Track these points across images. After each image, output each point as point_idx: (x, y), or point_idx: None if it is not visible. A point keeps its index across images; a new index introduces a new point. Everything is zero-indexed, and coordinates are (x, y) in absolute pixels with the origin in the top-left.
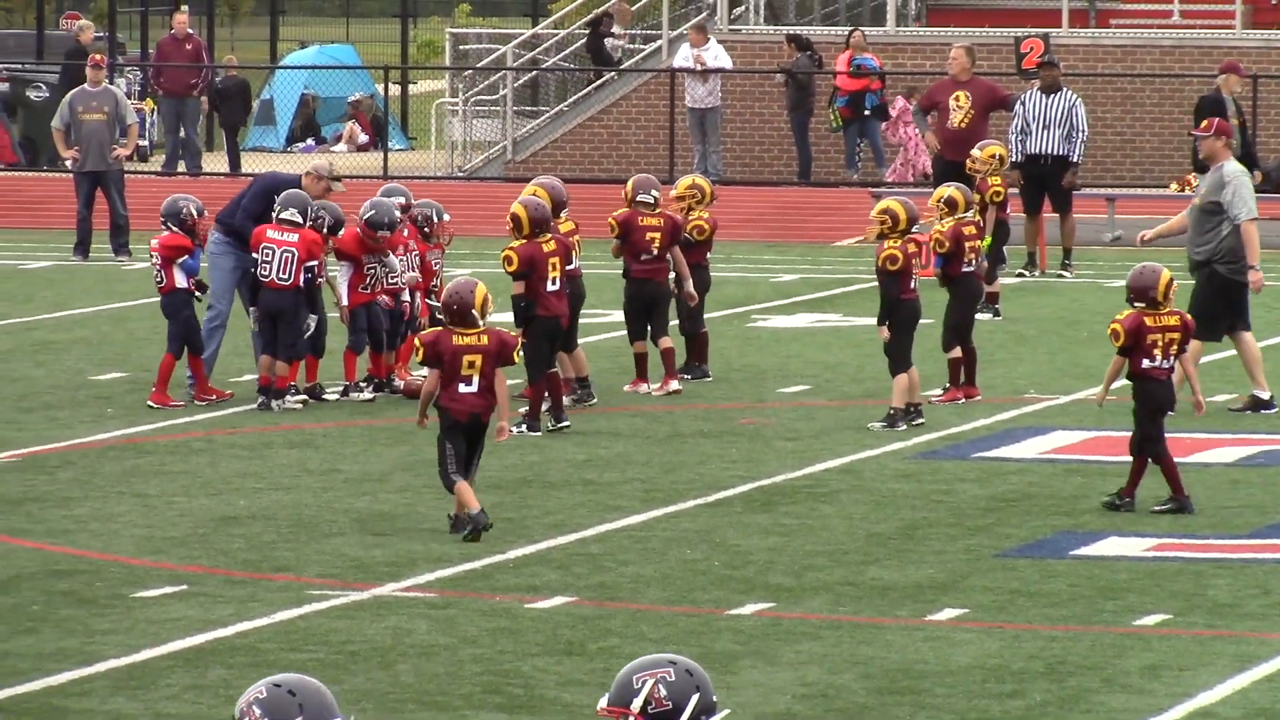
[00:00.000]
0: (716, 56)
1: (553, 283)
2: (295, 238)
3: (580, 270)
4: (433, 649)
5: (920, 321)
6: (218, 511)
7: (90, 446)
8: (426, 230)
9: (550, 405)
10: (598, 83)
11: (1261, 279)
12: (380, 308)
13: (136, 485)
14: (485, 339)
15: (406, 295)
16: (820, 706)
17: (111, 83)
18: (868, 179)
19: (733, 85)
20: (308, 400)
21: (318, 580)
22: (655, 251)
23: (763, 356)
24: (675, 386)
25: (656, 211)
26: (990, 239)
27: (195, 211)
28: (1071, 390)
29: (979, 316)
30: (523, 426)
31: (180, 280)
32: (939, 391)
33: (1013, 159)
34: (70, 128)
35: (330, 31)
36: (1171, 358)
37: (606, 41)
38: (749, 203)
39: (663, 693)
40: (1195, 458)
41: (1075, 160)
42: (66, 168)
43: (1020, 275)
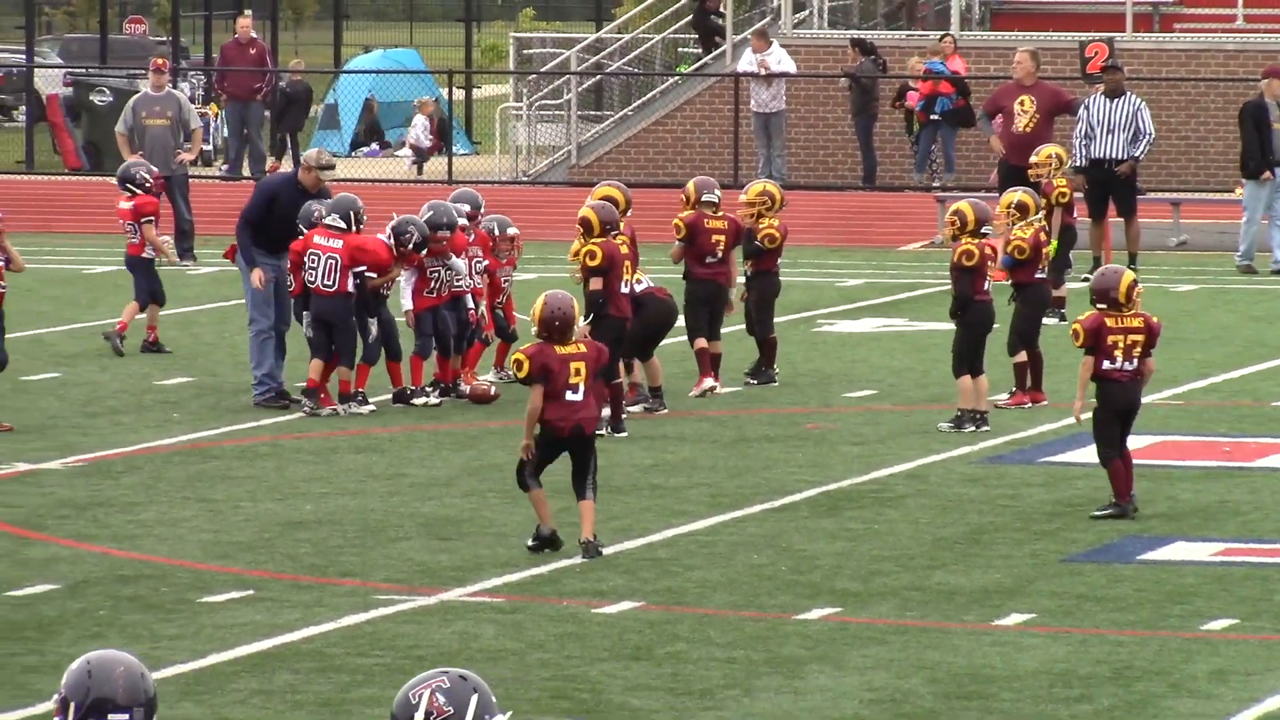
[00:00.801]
0: (780, 61)
1: (625, 284)
2: (339, 244)
3: (668, 291)
4: (500, 654)
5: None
6: (284, 516)
7: (156, 451)
8: (491, 245)
9: (610, 415)
10: (661, 87)
11: None
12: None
13: (202, 490)
14: (583, 347)
15: (470, 301)
16: (887, 711)
17: (175, 87)
18: (934, 183)
19: (797, 89)
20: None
21: (384, 585)
22: (720, 254)
23: (828, 361)
24: (710, 384)
25: (720, 214)
26: (1056, 243)
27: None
28: None
29: (1045, 321)
30: (604, 429)
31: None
32: (1005, 396)
33: (1077, 163)
34: (134, 132)
35: (394, 35)
36: (1133, 360)
37: (712, 18)
38: (814, 207)
39: (441, 700)
40: (1261, 462)
41: (1137, 156)
42: None
43: (1086, 280)
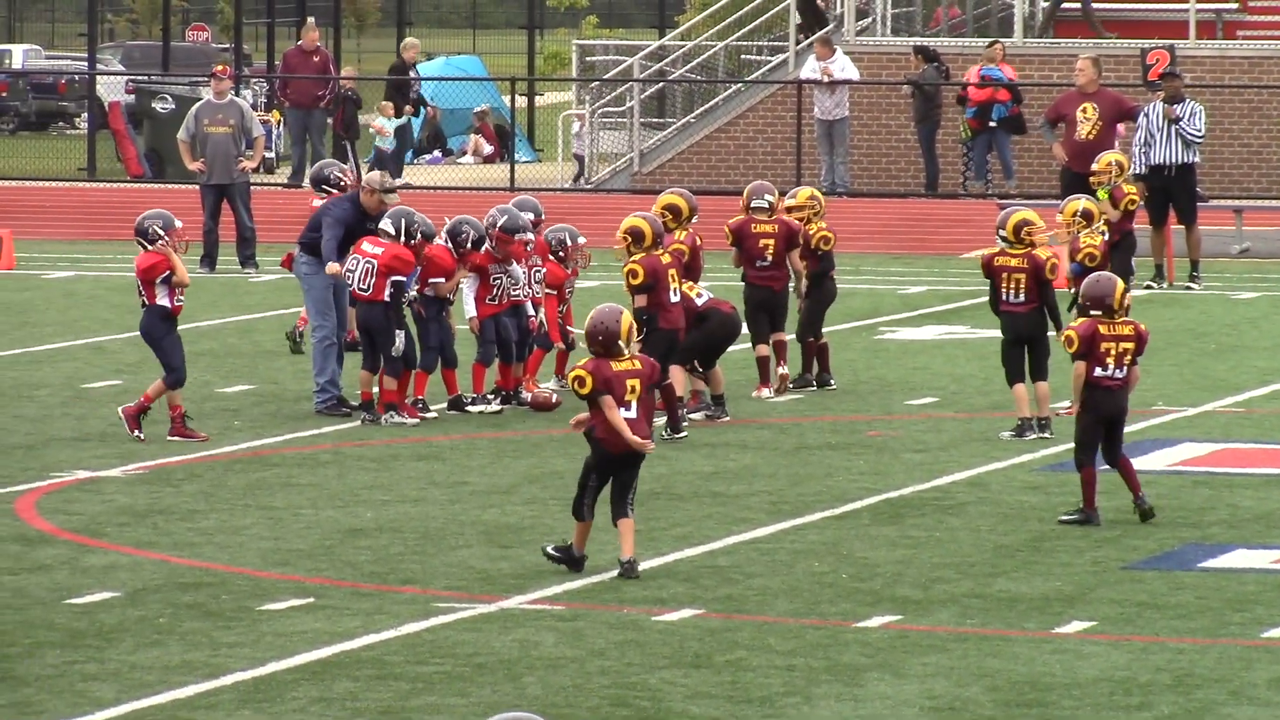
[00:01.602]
0: (843, 68)
1: (673, 294)
2: (380, 250)
3: (732, 305)
4: (560, 661)
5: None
6: (344, 524)
7: (216, 459)
8: (561, 255)
9: (667, 415)
10: (724, 94)
11: None
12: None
13: (263, 498)
14: (637, 363)
15: (530, 309)
16: (947, 719)
17: (237, 95)
18: (996, 191)
19: (860, 97)
20: (423, 416)
21: (444, 593)
22: (770, 258)
23: (890, 369)
24: (767, 394)
25: (772, 217)
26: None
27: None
28: (1200, 402)
29: None
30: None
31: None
32: (1066, 404)
33: (1136, 170)
34: (196, 140)
35: (456, 43)
36: (1123, 367)
37: (818, 1)
38: (876, 214)
39: None
40: None
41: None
42: (193, 180)
43: (1148, 287)
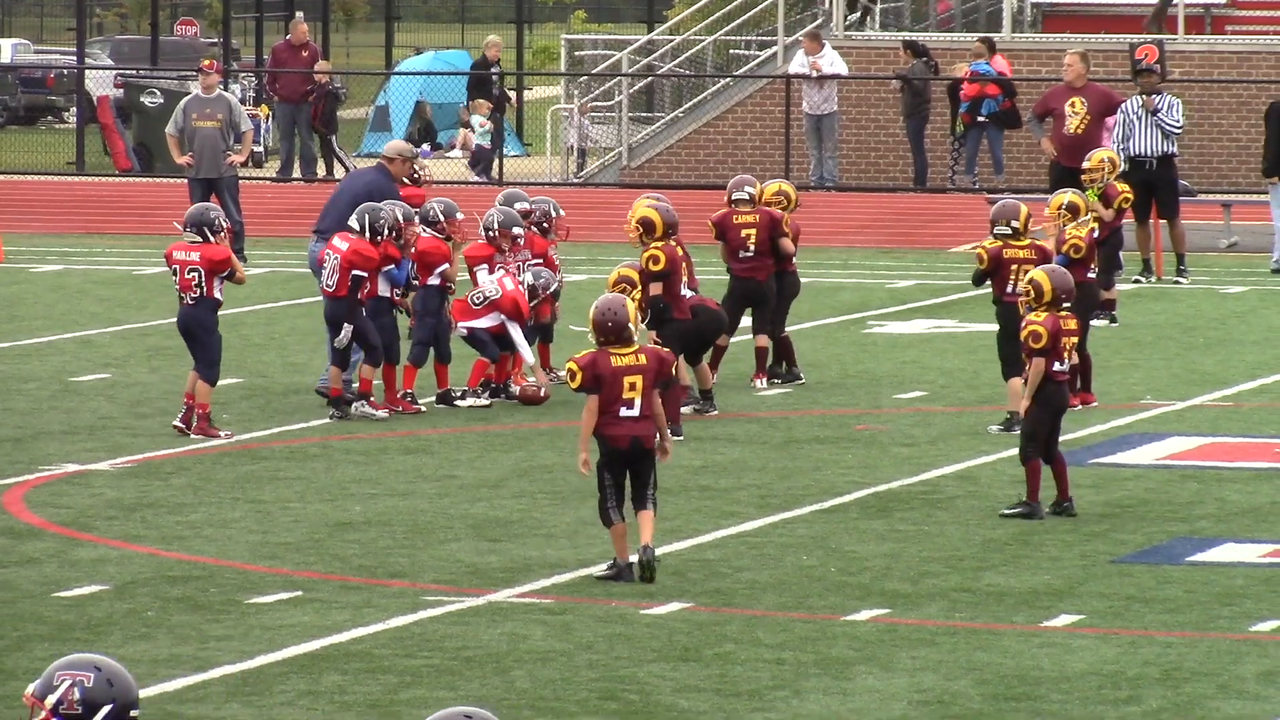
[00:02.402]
0: (832, 63)
1: (685, 287)
2: (345, 245)
3: (717, 302)
4: (548, 655)
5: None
6: (333, 517)
7: (205, 452)
8: (545, 226)
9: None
10: (713, 88)
11: None
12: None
13: (251, 491)
14: (643, 358)
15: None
16: (936, 713)
17: (225, 89)
18: (984, 185)
19: (849, 91)
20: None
21: (433, 586)
22: (752, 248)
23: (878, 362)
24: (761, 385)
25: (753, 209)
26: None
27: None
28: (1188, 396)
29: (1094, 323)
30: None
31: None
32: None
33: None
34: (184, 134)
35: (445, 37)
36: (1071, 359)
37: None
38: (864, 208)
39: (76, 695)
40: None
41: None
42: (181, 174)
43: (1137, 281)
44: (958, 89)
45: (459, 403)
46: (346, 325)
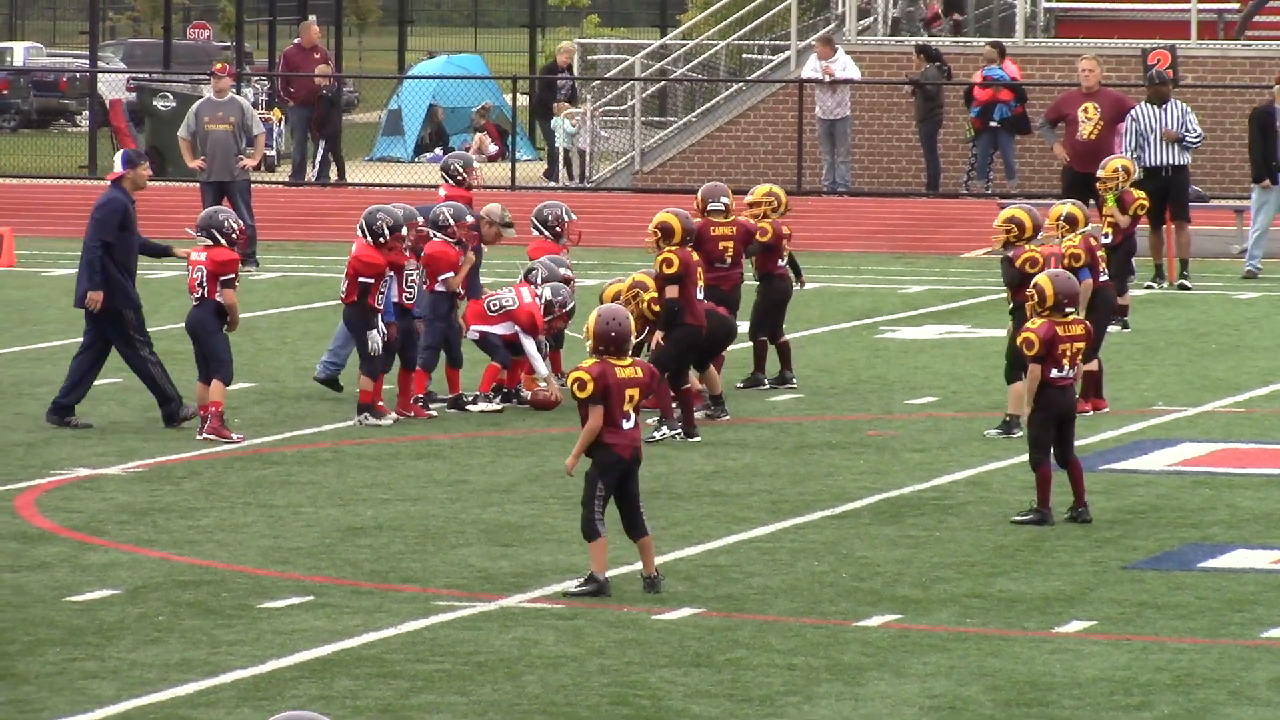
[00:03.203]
0: (845, 67)
1: (700, 291)
2: (353, 251)
3: (726, 310)
4: (560, 660)
5: None
6: (344, 522)
7: (216, 457)
8: (557, 230)
9: (682, 420)
10: (726, 93)
11: None
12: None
13: (263, 496)
14: (639, 371)
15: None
16: (947, 719)
17: (238, 93)
18: (997, 190)
19: (861, 96)
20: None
21: (444, 591)
22: (728, 260)
23: (890, 368)
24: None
25: (730, 220)
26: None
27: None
28: (1200, 402)
29: (1109, 328)
30: (663, 428)
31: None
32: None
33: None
34: (196, 138)
35: (458, 41)
36: (1075, 366)
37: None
38: (877, 213)
39: None
40: None
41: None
42: (193, 177)
43: (1149, 287)
44: (973, 94)
45: (471, 408)
46: (372, 332)
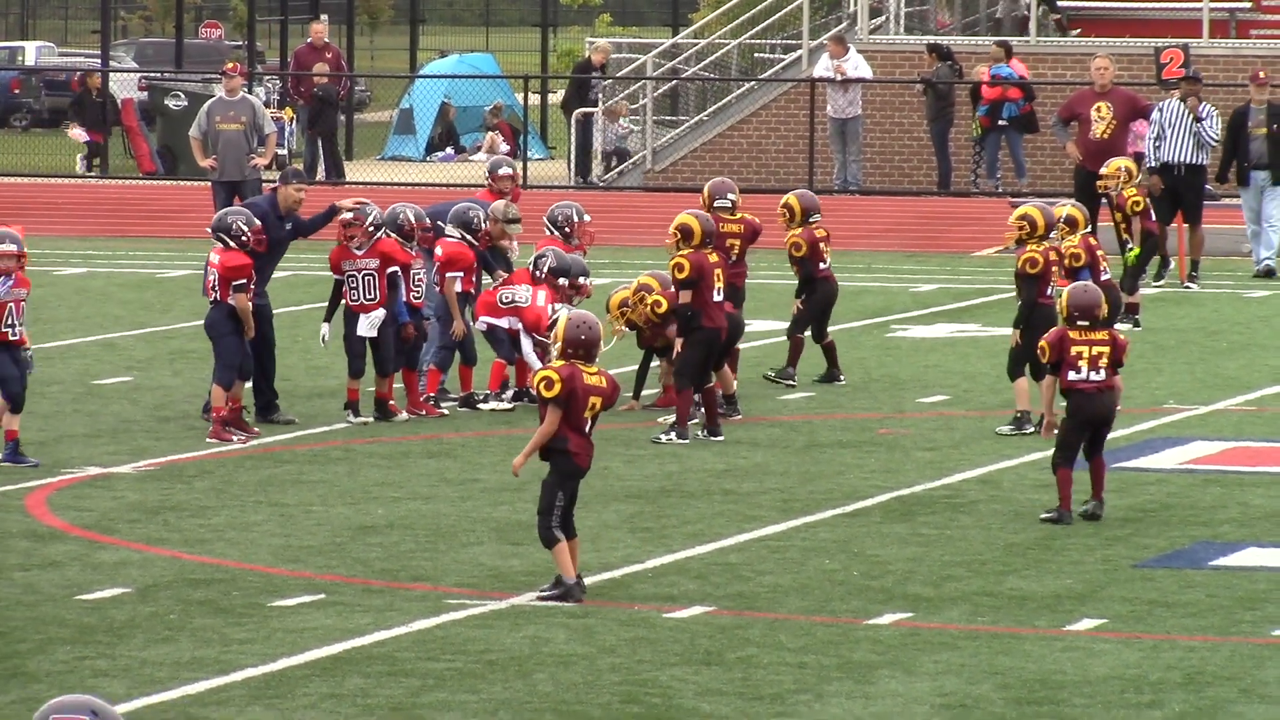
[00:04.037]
0: (856, 66)
1: (717, 293)
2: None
3: (734, 306)
4: (571, 658)
5: None
6: (355, 521)
7: (227, 455)
8: (567, 231)
9: (706, 420)
10: (738, 92)
11: None
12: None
13: (274, 494)
14: (604, 380)
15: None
16: (958, 717)
17: (249, 92)
18: (1008, 189)
19: (873, 95)
20: (368, 420)
21: (455, 589)
22: (734, 256)
23: (901, 366)
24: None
25: (737, 216)
26: (1138, 249)
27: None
28: (1211, 400)
29: (1118, 326)
30: (671, 435)
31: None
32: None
33: (1151, 164)
34: (208, 137)
35: (470, 40)
36: (1099, 370)
37: None
38: (889, 212)
39: None
40: None
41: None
42: (205, 177)
43: (1157, 285)
44: (979, 92)
45: (481, 406)
46: (325, 326)
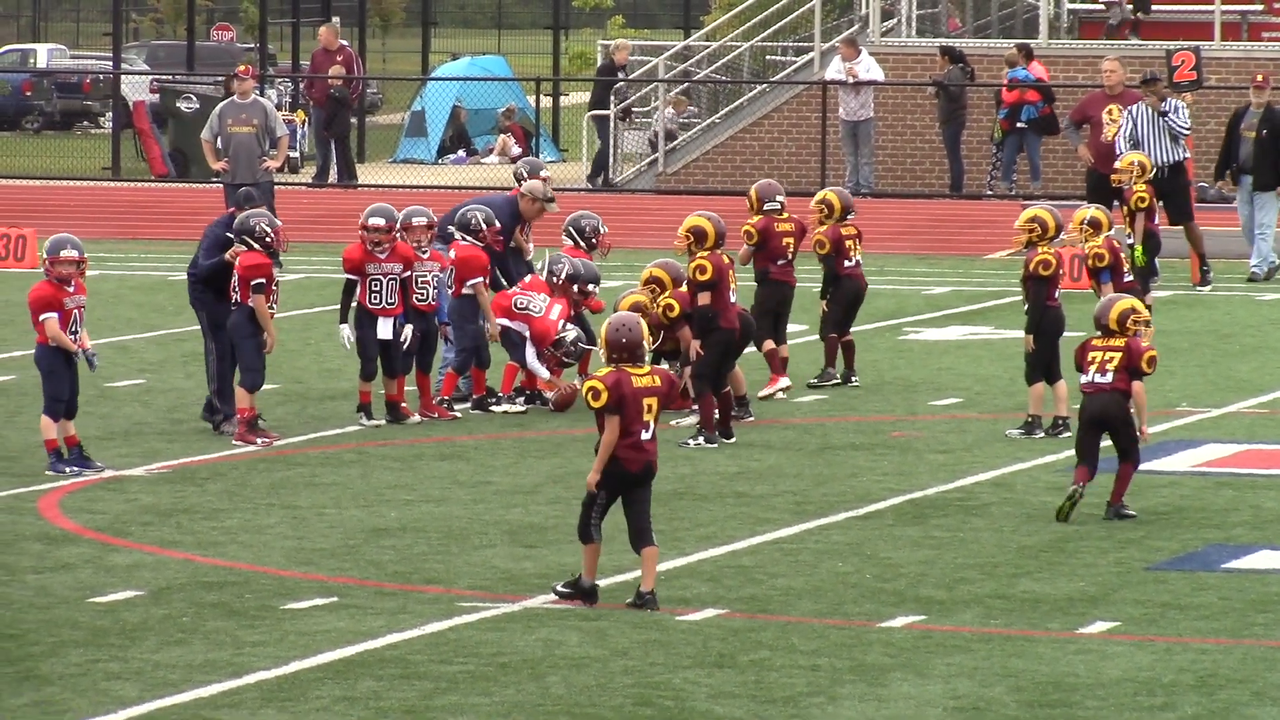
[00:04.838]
0: (869, 69)
1: (732, 295)
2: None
3: (743, 307)
4: (584, 661)
5: (1066, 334)
6: (368, 523)
7: (240, 458)
8: (593, 242)
9: (719, 420)
10: (749, 94)
11: None
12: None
13: (286, 497)
14: (657, 379)
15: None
16: (971, 719)
17: (261, 94)
18: (1020, 191)
19: (885, 97)
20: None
21: (468, 592)
22: (790, 255)
23: (914, 369)
24: (785, 383)
25: (786, 216)
26: (1140, 248)
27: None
28: (1223, 403)
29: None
30: (699, 438)
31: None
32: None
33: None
34: (219, 139)
35: (482, 43)
36: (1106, 373)
37: None
38: (901, 215)
39: None
40: None
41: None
42: (216, 179)
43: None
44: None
45: (494, 409)
46: (343, 327)
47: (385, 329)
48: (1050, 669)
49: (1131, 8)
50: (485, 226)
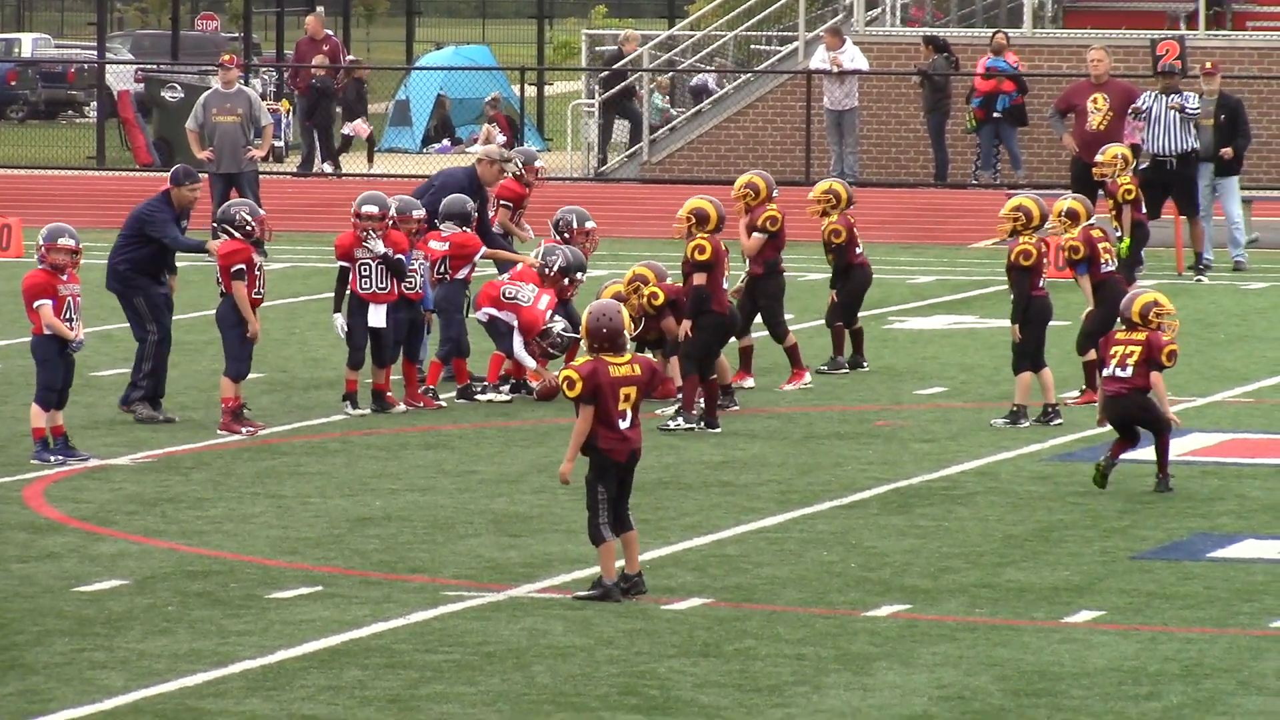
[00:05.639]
0: (853, 58)
1: (725, 280)
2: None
3: (730, 300)
4: (569, 650)
5: (1052, 323)
6: (353, 512)
7: (225, 447)
8: (567, 236)
9: (705, 412)
10: (734, 84)
11: None
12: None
13: (271, 486)
14: (637, 368)
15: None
16: (956, 708)
17: (245, 84)
18: (1005, 181)
19: (869, 87)
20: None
21: (453, 581)
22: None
23: (899, 358)
24: (808, 380)
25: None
26: (1128, 241)
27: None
28: (1209, 392)
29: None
30: (679, 420)
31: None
32: (1075, 394)
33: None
34: (204, 129)
35: (466, 32)
36: (1126, 368)
37: None
38: (885, 204)
39: None
40: None
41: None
42: (201, 169)
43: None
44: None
45: (479, 397)
46: (337, 317)
47: (377, 317)
48: (1035, 658)
49: None
50: (476, 214)
